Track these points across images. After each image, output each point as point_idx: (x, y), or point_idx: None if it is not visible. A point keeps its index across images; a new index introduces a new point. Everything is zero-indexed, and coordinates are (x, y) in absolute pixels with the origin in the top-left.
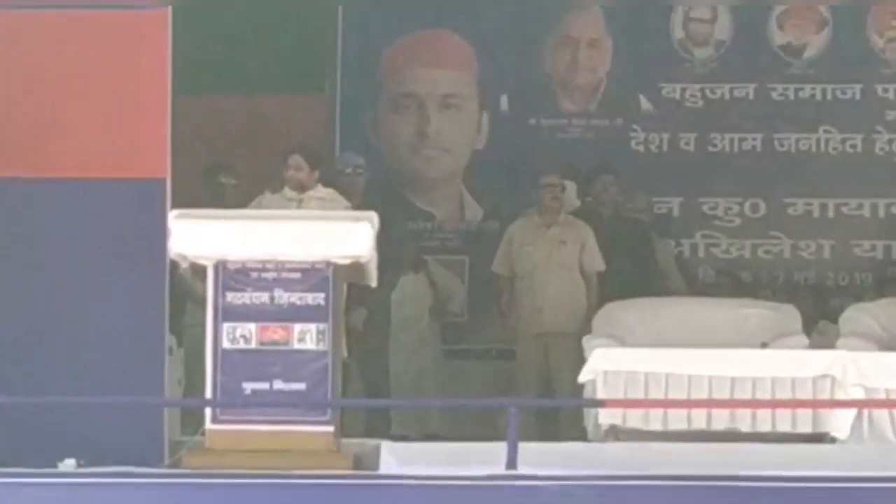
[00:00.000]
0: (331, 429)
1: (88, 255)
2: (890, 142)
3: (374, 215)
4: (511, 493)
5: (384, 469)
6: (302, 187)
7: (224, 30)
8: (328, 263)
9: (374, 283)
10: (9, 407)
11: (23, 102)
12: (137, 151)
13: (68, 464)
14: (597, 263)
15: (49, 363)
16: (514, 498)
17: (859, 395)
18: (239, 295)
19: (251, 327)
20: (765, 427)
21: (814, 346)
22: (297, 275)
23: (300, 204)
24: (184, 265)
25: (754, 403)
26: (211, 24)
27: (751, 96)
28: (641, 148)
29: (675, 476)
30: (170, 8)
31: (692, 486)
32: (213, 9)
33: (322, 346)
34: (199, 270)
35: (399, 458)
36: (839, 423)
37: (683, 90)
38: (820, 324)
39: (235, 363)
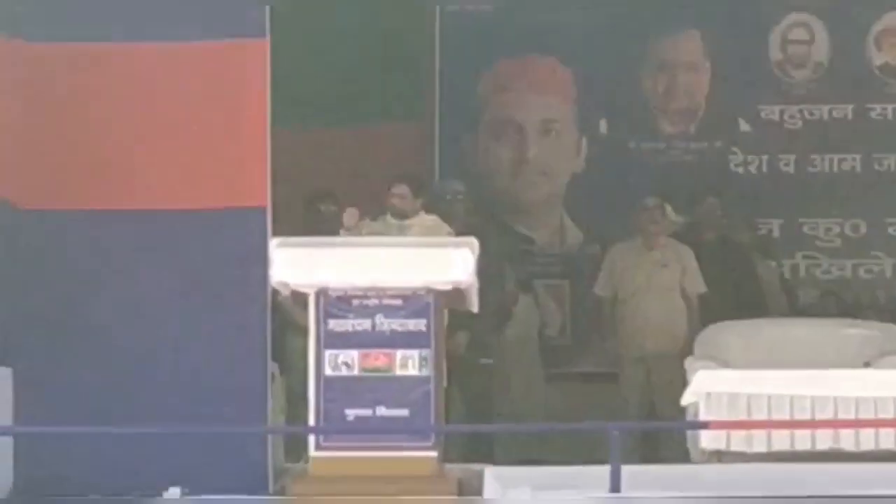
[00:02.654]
0: (434, 454)
1: (190, 285)
2: None
3: (474, 241)
4: None
5: (488, 494)
6: (405, 215)
7: (323, 61)
8: (429, 290)
9: (475, 309)
10: (113, 437)
11: (123, 134)
12: (238, 181)
13: (173, 493)
14: (698, 286)
15: (151, 394)
16: None
17: None
18: (341, 322)
19: (353, 354)
20: (868, 446)
21: None
22: (399, 301)
23: (403, 231)
24: (285, 293)
25: (858, 423)
26: (310, 56)
27: (849, 117)
28: (741, 170)
29: (778, 497)
30: (268, 38)
31: None
32: (313, 41)
33: (424, 372)
34: (299, 298)
35: (503, 483)
36: None
37: (782, 112)
38: None
39: (338, 390)
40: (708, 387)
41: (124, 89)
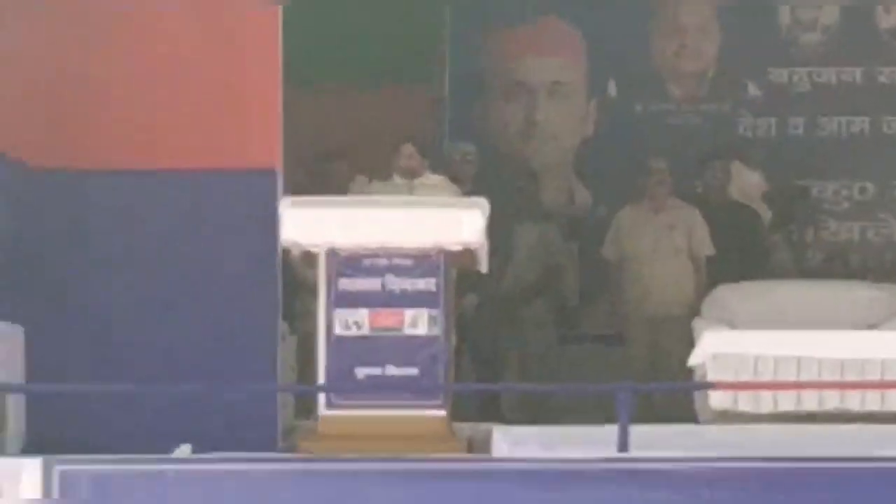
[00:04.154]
0: (443, 413)
1: (201, 245)
2: None
3: (484, 202)
4: (622, 475)
5: (496, 452)
6: (412, 175)
7: (334, 21)
8: (439, 250)
9: (484, 269)
10: (123, 395)
11: (135, 95)
12: (249, 142)
13: (183, 450)
14: (705, 247)
15: (162, 352)
16: (626, 480)
17: None
18: (351, 281)
19: (363, 313)
20: (874, 407)
21: None
22: (409, 261)
23: (410, 191)
24: (295, 253)
25: (864, 384)
26: (321, 16)
27: (858, 80)
28: (749, 133)
29: (785, 458)
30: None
31: (804, 468)
32: (325, 2)
33: (434, 332)
34: (309, 258)
35: (511, 442)
36: None
37: (791, 75)
38: None
39: (348, 349)
40: (715, 348)
41: (136, 51)
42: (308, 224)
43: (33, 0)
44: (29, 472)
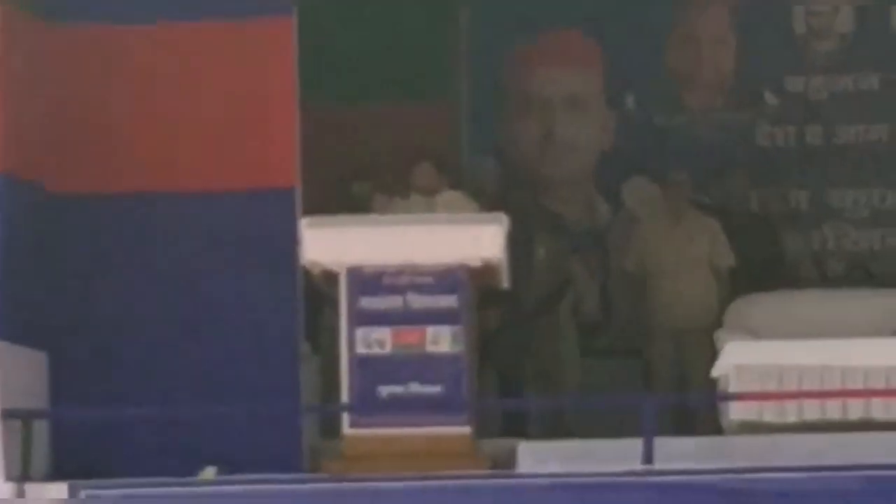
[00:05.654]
0: (468, 430)
1: (221, 266)
2: None
3: (503, 217)
4: (648, 488)
5: (522, 468)
6: (430, 192)
7: (351, 39)
8: (460, 266)
9: (505, 285)
10: (148, 418)
11: (150, 116)
12: (267, 161)
13: (209, 472)
14: (726, 258)
15: (185, 375)
16: (652, 493)
17: None
18: (372, 300)
19: (385, 332)
20: None
21: None
22: (429, 278)
23: (430, 208)
24: (316, 272)
25: (889, 392)
26: (339, 34)
27: (875, 87)
28: (768, 143)
29: (810, 467)
30: (295, 15)
31: (829, 477)
32: (342, 18)
33: (456, 349)
34: (330, 277)
35: (536, 457)
36: None
37: (807, 83)
38: None
39: (371, 368)
40: (738, 359)
41: (151, 71)
42: (328, 243)
43: (51, 24)
44: (55, 497)
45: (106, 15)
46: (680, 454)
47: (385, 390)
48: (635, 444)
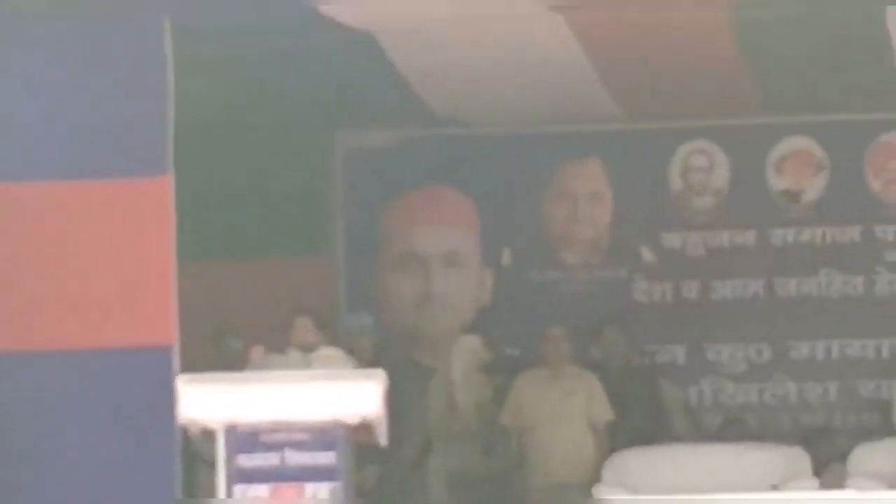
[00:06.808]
0: None
1: (98, 425)
2: (891, 282)
3: (381, 373)
4: None
5: None
6: (308, 348)
7: (225, 194)
8: (338, 423)
9: (384, 442)
10: None
11: (26, 274)
12: (144, 319)
13: None
14: (605, 413)
15: None
16: None
17: None
18: (250, 457)
19: (263, 489)
20: None
21: (824, 487)
22: (307, 435)
23: (307, 364)
24: (193, 430)
25: None
26: (212, 189)
27: (751, 242)
28: (644, 298)
29: None
30: (172, 174)
31: None
32: (215, 174)
33: None
34: (208, 434)
35: None
36: None
37: (684, 239)
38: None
39: None
40: None
41: (24, 228)
42: (205, 401)
43: None
44: None
45: None
46: None
47: None
48: None
